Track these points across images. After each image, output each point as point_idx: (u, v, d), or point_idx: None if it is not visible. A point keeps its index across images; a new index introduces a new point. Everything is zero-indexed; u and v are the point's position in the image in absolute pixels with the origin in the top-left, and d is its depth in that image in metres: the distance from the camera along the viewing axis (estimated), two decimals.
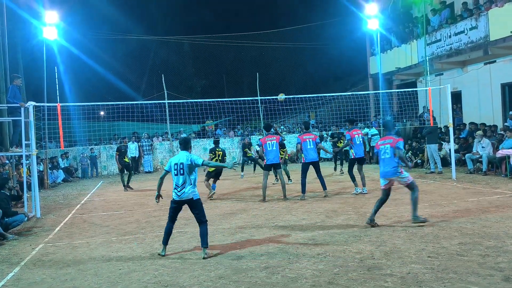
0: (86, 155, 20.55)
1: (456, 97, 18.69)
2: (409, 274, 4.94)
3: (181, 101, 18.77)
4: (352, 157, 10.95)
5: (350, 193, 10.85)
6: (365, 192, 10.76)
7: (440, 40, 18.09)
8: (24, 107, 10.00)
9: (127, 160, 14.67)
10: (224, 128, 24.67)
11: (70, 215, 10.22)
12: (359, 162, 10.99)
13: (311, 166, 10.49)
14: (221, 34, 31.82)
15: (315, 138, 10.50)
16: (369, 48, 24.41)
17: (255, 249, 6.33)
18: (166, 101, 19.84)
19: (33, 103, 10.49)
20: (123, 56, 32.65)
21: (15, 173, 12.00)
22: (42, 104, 13.32)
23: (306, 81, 33.31)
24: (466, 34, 16.55)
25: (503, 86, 16.80)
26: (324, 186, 10.60)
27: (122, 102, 15.69)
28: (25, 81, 19.60)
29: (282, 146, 12.34)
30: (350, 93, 18.26)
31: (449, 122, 13.11)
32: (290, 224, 7.83)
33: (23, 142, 10.01)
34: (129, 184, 14.47)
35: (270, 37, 32.21)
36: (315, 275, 5.11)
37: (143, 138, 21.60)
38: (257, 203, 10.28)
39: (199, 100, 18.25)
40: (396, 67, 21.52)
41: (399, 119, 19.64)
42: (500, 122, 16.03)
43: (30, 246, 7.39)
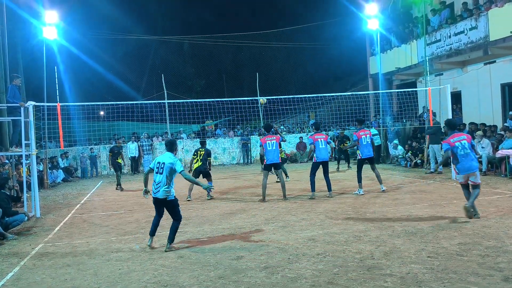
0: (86, 155, 20.53)
1: (456, 97, 18.69)
2: (409, 274, 4.95)
3: (181, 101, 18.76)
4: (359, 158, 10.93)
5: (351, 193, 10.84)
6: (383, 190, 10.73)
7: (440, 40, 18.10)
8: (24, 107, 10.00)
9: (120, 161, 14.75)
10: (224, 128, 24.67)
11: (70, 215, 10.22)
12: (370, 162, 10.95)
13: (320, 166, 10.58)
14: (221, 34, 31.86)
15: (326, 138, 10.66)
16: (369, 48, 24.41)
17: (255, 249, 6.33)
18: (166, 101, 19.84)
19: (33, 103, 10.49)
20: (123, 56, 32.69)
21: (15, 173, 11.99)
22: (42, 104, 13.29)
23: (306, 81, 33.34)
24: (466, 34, 16.55)
25: (503, 86, 16.80)
26: (330, 188, 10.64)
27: (122, 102, 15.68)
28: (25, 81, 19.61)
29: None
30: (350, 93, 18.25)
31: None
32: (290, 224, 7.83)
33: (23, 142, 10.01)
34: (121, 185, 14.57)
35: (270, 37, 32.24)
36: (315, 275, 5.12)
37: (143, 138, 21.60)
38: (257, 203, 10.28)
39: (199, 100, 18.26)
40: (396, 67, 21.52)
41: (399, 119, 19.63)
42: (500, 122, 16.04)
43: (30, 246, 7.39)
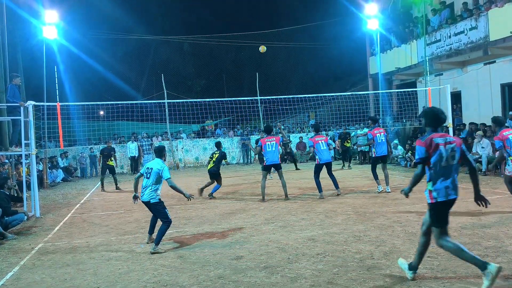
0: (86, 155, 20.53)
1: (456, 97, 18.70)
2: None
3: (181, 101, 18.78)
4: (374, 156, 11.01)
5: (374, 192, 10.74)
6: (388, 191, 10.66)
7: (440, 40, 18.10)
8: (24, 107, 9.99)
9: (111, 163, 14.61)
10: (224, 128, 24.67)
11: (70, 215, 10.21)
12: (383, 161, 10.99)
13: (324, 167, 10.67)
14: (221, 34, 31.88)
15: (327, 140, 10.78)
16: (369, 48, 24.42)
17: (255, 249, 6.33)
18: (166, 101, 19.84)
19: (33, 103, 10.48)
20: (123, 56, 32.71)
21: (15, 173, 11.99)
22: (42, 104, 13.31)
23: (306, 81, 33.35)
24: (466, 34, 16.56)
25: (503, 87, 16.80)
26: (337, 185, 10.75)
27: (122, 102, 15.70)
28: (25, 81, 19.63)
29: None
30: (350, 93, 18.28)
31: (449, 123, 13.12)
32: (290, 224, 7.83)
33: (23, 142, 10.00)
34: (118, 186, 14.51)
35: (270, 37, 32.23)
36: (315, 275, 5.11)
37: (142, 138, 21.60)
38: (257, 203, 10.28)
39: (199, 100, 18.28)
40: (396, 67, 21.53)
41: (399, 119, 19.64)
42: None
43: (30, 246, 7.38)
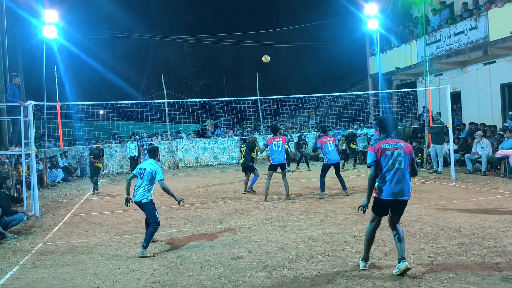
0: (85, 155, 20.51)
1: (456, 98, 18.70)
2: (408, 274, 4.94)
3: (181, 101, 18.77)
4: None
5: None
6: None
7: (440, 40, 18.10)
8: (24, 106, 9.99)
9: (99, 165, 13.95)
10: (224, 128, 24.67)
11: (69, 214, 10.22)
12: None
13: (332, 167, 10.77)
14: (221, 34, 31.85)
15: (335, 140, 10.86)
16: (369, 48, 24.42)
17: (254, 249, 6.33)
18: (166, 101, 19.83)
19: (33, 102, 10.48)
20: (123, 56, 32.67)
21: (14, 172, 11.98)
22: (42, 103, 13.29)
23: (306, 81, 33.33)
24: (466, 35, 16.56)
25: (503, 87, 16.81)
26: (344, 186, 10.82)
27: (122, 102, 15.68)
28: (25, 80, 19.63)
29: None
30: (350, 93, 18.27)
31: (449, 123, 13.12)
32: (290, 224, 7.83)
33: (23, 141, 9.99)
34: (97, 191, 13.68)
35: (270, 37, 32.21)
36: (314, 275, 5.12)
37: (142, 138, 21.59)
38: (257, 203, 10.28)
39: (199, 100, 18.25)
40: (396, 67, 21.53)
41: (399, 119, 19.64)
42: (500, 123, 16.05)
43: (29, 245, 7.38)
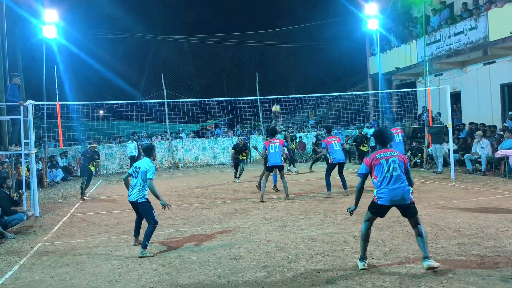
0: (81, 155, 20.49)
1: (456, 98, 18.71)
2: (408, 274, 4.95)
3: (181, 101, 18.76)
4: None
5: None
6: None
7: (440, 41, 18.11)
8: (23, 106, 9.99)
9: (93, 169, 12.92)
10: (224, 128, 24.68)
11: (69, 214, 10.21)
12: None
13: (337, 166, 10.87)
14: (221, 34, 31.84)
15: (339, 140, 10.95)
16: (369, 48, 24.43)
17: (254, 249, 6.33)
18: (166, 101, 19.83)
19: (32, 102, 10.47)
20: (123, 55, 32.66)
21: (14, 172, 11.98)
22: (41, 103, 13.31)
23: (306, 81, 33.33)
24: (466, 35, 16.56)
25: (503, 87, 16.81)
26: (345, 186, 10.91)
27: (121, 101, 15.69)
28: (25, 80, 19.62)
29: (246, 148, 13.15)
30: (350, 93, 18.27)
31: (448, 123, 13.12)
32: (289, 224, 7.83)
33: (22, 141, 10.00)
34: (85, 196, 12.66)
35: (270, 37, 32.22)
36: (314, 275, 5.12)
37: (142, 137, 21.59)
38: (256, 203, 10.28)
39: (199, 100, 18.25)
40: (396, 67, 21.53)
41: (399, 119, 19.65)
42: (499, 123, 16.05)
43: (29, 245, 7.38)
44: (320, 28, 32.35)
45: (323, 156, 11.55)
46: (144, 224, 6.75)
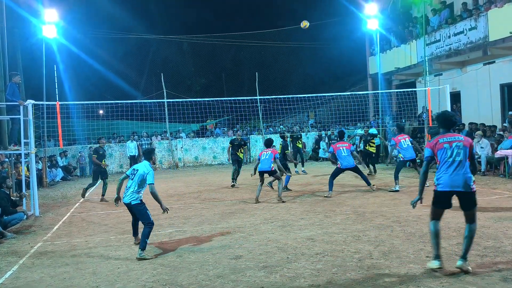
0: (85, 154, 20.49)
1: (455, 98, 18.70)
2: (407, 274, 4.95)
3: (180, 100, 18.77)
4: (402, 159, 11.54)
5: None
6: (397, 190, 10.96)
7: (440, 41, 18.10)
8: (23, 106, 9.98)
9: (104, 165, 12.30)
10: (224, 128, 24.68)
11: (69, 214, 10.21)
12: (413, 162, 11.79)
13: (351, 172, 11.14)
14: (221, 34, 31.85)
15: (349, 147, 11.02)
16: (369, 48, 24.41)
17: (254, 249, 6.33)
18: (166, 100, 19.84)
19: (32, 102, 10.48)
20: (123, 55, 32.69)
21: (14, 172, 11.98)
22: (41, 103, 13.32)
23: (306, 81, 33.34)
24: (466, 35, 16.56)
25: (502, 87, 16.81)
26: (368, 183, 11.09)
27: (121, 101, 15.71)
28: (24, 80, 19.62)
29: (245, 144, 13.42)
30: (349, 93, 18.29)
31: None
32: (289, 224, 7.83)
33: (22, 141, 10.00)
34: (104, 195, 12.05)
35: (270, 37, 32.21)
36: (314, 275, 5.12)
37: (142, 137, 21.59)
38: (256, 203, 10.27)
39: (198, 99, 18.28)
40: (396, 67, 21.52)
41: (398, 119, 19.65)
42: (499, 123, 16.05)
43: (29, 245, 7.38)
44: (320, 28, 32.35)
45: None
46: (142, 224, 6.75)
